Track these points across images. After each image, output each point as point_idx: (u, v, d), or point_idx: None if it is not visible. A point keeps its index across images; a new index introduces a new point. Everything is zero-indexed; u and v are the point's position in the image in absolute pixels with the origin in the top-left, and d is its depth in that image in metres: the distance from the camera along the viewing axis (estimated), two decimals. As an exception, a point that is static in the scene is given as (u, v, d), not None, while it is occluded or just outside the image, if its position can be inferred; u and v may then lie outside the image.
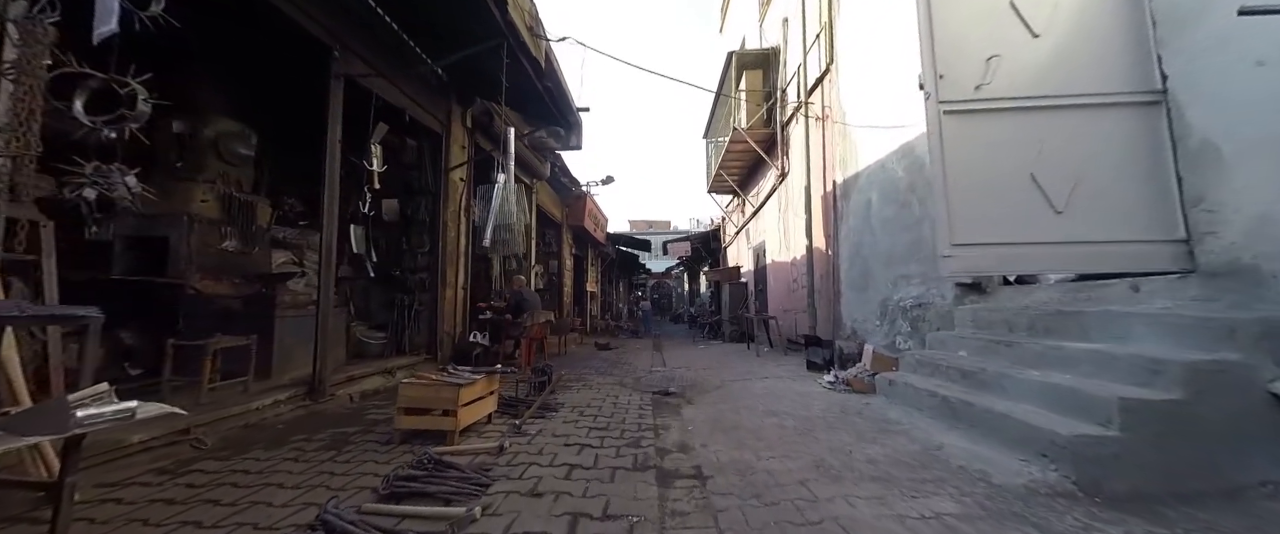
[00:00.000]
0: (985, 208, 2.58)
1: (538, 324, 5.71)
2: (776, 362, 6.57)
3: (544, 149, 8.76)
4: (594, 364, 6.65)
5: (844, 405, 3.41)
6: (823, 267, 6.59)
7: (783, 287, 8.57)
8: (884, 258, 4.90)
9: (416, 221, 5.34)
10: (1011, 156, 2.60)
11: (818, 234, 6.65)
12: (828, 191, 6.50)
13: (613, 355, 8.19)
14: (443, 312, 5.21)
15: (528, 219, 4.17)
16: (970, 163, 2.60)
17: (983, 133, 2.62)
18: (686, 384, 4.76)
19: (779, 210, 8.62)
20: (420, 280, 5.26)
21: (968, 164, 2.59)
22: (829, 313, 6.33)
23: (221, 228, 4.10)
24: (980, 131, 2.63)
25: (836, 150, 6.17)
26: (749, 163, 10.27)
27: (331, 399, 3.50)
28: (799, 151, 7.56)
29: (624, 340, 12.63)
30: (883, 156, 4.92)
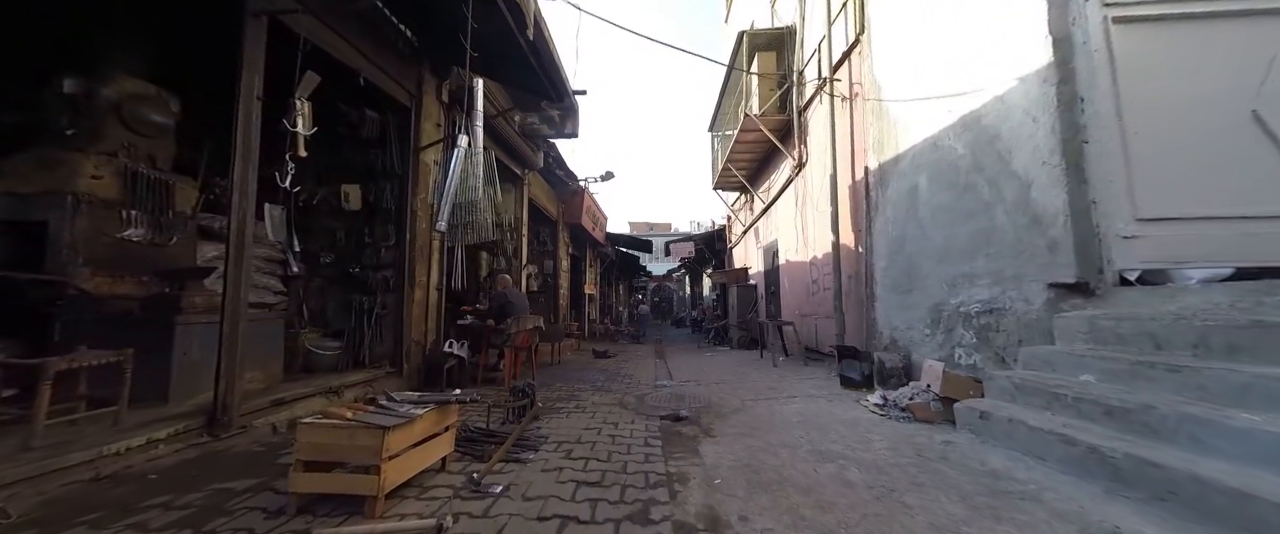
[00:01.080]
0: (1183, 164, 1.76)
1: (525, 331, 4.89)
2: (799, 374, 5.75)
3: (536, 137, 7.96)
4: (590, 376, 5.82)
5: (916, 444, 2.59)
6: (851, 266, 5.78)
7: (799, 289, 7.76)
8: (936, 254, 4.09)
9: (380, 210, 4.52)
10: (1221, 84, 1.78)
11: (845, 229, 5.84)
12: (858, 180, 5.70)
13: (612, 365, 7.36)
14: (410, 316, 4.39)
15: (499, 197, 3.36)
16: (1155, 97, 1.80)
17: (1176, 50, 1.81)
18: (700, 404, 3.93)
19: (795, 205, 7.82)
20: (384, 279, 4.44)
21: (1151, 99, 1.80)
22: (860, 319, 5.51)
23: (123, 212, 3.29)
24: (1172, 47, 1.81)
25: (869, 133, 5.37)
26: (761, 154, 9.47)
27: (242, 433, 2.67)
28: (820, 137, 6.76)
29: (624, 346, 11.80)
30: (934, 133, 4.12)
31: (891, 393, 3.74)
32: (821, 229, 6.74)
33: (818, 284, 6.99)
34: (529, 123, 7.76)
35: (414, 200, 4.53)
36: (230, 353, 2.61)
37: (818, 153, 6.96)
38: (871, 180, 5.33)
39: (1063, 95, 2.90)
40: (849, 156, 5.86)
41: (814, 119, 7.12)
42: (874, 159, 5.26)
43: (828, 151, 6.29)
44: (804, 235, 7.51)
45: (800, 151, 7.52)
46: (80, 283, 3.03)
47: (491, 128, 6.15)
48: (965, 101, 3.72)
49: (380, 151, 4.52)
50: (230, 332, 2.61)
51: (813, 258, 7.20)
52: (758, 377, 5.67)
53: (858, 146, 5.72)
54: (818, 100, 6.72)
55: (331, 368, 4.20)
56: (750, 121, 8.04)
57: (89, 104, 3.27)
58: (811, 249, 7.21)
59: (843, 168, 5.87)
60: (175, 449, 2.36)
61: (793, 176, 7.88)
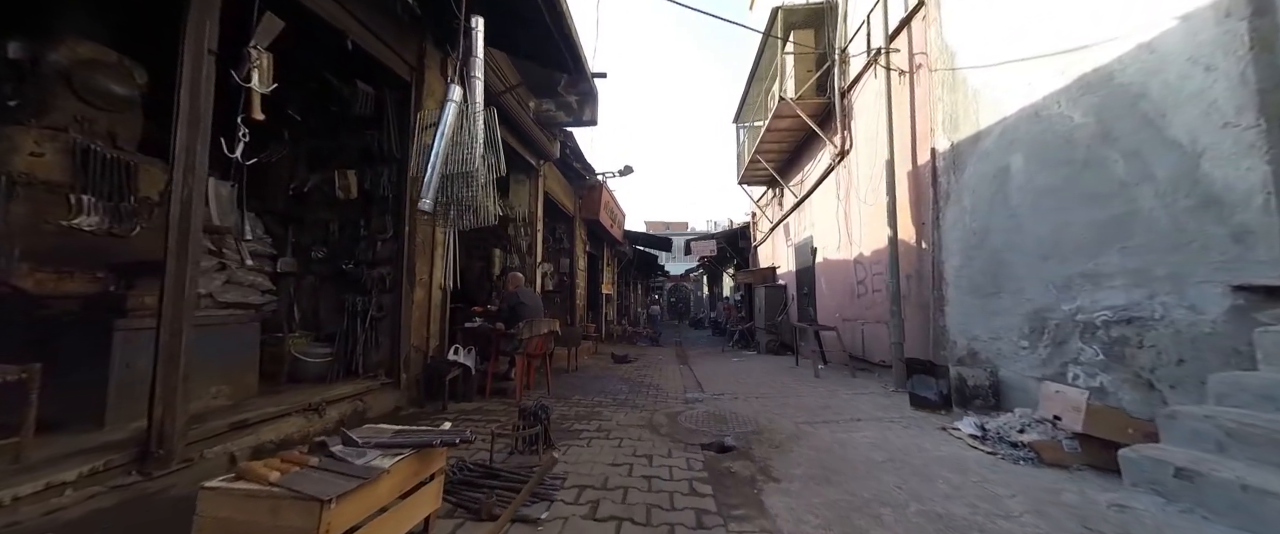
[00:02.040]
0: None
1: (539, 337, 4.30)
2: (849, 388, 5.02)
3: (552, 125, 7.39)
4: (611, 386, 5.20)
5: (1071, 507, 1.88)
6: (911, 264, 5.02)
7: (841, 290, 7.00)
8: (1038, 248, 3.33)
9: (377, 198, 3.99)
10: None
11: (904, 222, 5.08)
12: (920, 165, 4.94)
13: (633, 372, 6.74)
14: (409, 319, 3.84)
15: (501, 167, 2.70)
16: None
17: None
18: (746, 428, 3.27)
19: (837, 197, 7.06)
20: (380, 277, 3.90)
21: None
22: (923, 325, 4.75)
23: (71, 196, 2.80)
24: None
25: (937, 109, 4.61)
26: (794, 143, 8.72)
27: (186, 468, 2.13)
28: (869, 120, 6.00)
29: (643, 349, 11.18)
30: (1036, 101, 3.36)
31: (988, 421, 3.01)
32: (871, 223, 5.98)
33: (865, 285, 6.23)
34: (545, 110, 7.20)
35: (415, 188, 3.97)
36: (169, 367, 2.07)
37: (864, 138, 6.20)
38: (939, 165, 4.57)
39: (1258, 32, 2.15)
40: (908, 139, 5.10)
41: (860, 100, 6.36)
42: (944, 139, 4.50)
43: (880, 135, 5.53)
44: (847, 231, 6.75)
45: (842, 138, 6.76)
46: (15, 280, 2.55)
47: (504, 111, 5.60)
48: (1086, 57, 2.97)
49: (376, 132, 3.98)
50: (170, 340, 2.07)
51: (858, 256, 6.44)
52: (802, 390, 4.97)
53: (920, 127, 4.96)
54: (870, 77, 5.96)
55: (320, 377, 3.67)
56: (785, 106, 7.31)
57: (34, 71, 2.80)
58: (857, 246, 6.45)
59: (901, 152, 5.12)
60: (87, 495, 1.82)
61: (833, 165, 7.12)
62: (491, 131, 2.73)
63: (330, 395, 3.17)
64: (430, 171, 2.43)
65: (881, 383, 5.23)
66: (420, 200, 2.45)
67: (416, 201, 3.88)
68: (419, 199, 2.42)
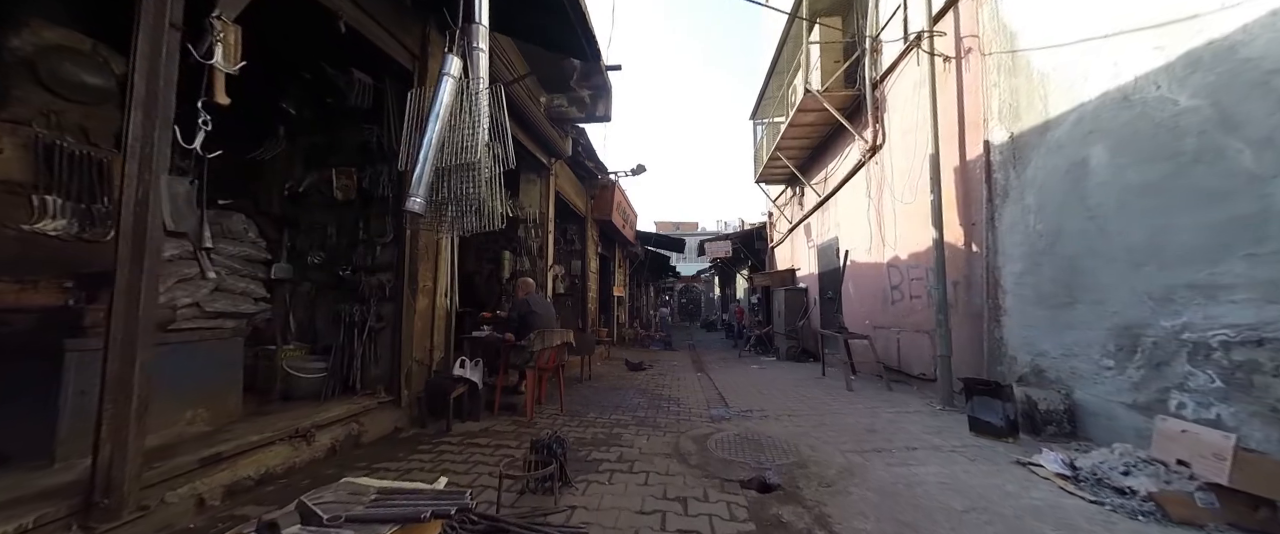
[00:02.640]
0: None
1: (551, 349, 3.95)
2: (890, 404, 4.57)
3: (564, 121, 7.05)
4: (628, 400, 4.83)
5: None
6: (959, 269, 4.57)
7: (872, 296, 6.54)
8: (1131, 254, 2.88)
9: (376, 199, 3.66)
10: None
11: (951, 223, 4.63)
12: (970, 160, 4.48)
13: (649, 381, 6.37)
14: (410, 330, 3.51)
15: (510, 159, 2.27)
16: None
17: None
18: (787, 458, 2.87)
19: (867, 195, 6.60)
20: (379, 285, 3.57)
21: None
22: (976, 338, 4.30)
23: (34, 197, 2.50)
24: None
25: (992, 97, 4.15)
26: (818, 138, 8.26)
27: (143, 517, 1.80)
28: (905, 113, 5.55)
29: (656, 354, 10.81)
30: (1127, 83, 2.91)
31: (1076, 456, 2.57)
32: (909, 224, 5.53)
33: (901, 291, 5.78)
34: (556, 105, 6.85)
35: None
36: (119, 398, 1.74)
37: (900, 131, 5.75)
38: (995, 159, 4.12)
39: None
40: (955, 131, 4.64)
41: (895, 91, 5.90)
42: (1000, 131, 4.04)
43: (921, 128, 5.08)
44: (879, 232, 6.29)
45: (874, 132, 6.30)
46: (-34, 290, 2.27)
47: (514, 105, 5.26)
48: (1196, 29, 2.51)
49: (375, 127, 3.65)
50: (121, 368, 1.74)
51: (892, 259, 5.98)
52: (837, 406, 4.54)
53: (970, 117, 4.50)
54: (907, 65, 5.50)
55: (315, 394, 3.35)
56: (811, 99, 6.87)
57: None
58: (891, 248, 5.99)
59: (947, 146, 4.66)
60: (11, 560, 1.50)
61: (862, 161, 6.66)
62: (498, 115, 2.35)
63: (321, 418, 2.84)
64: (421, 164, 2.07)
65: (924, 399, 4.78)
66: (408, 199, 2.09)
67: None
68: (407, 197, 2.05)
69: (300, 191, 3.87)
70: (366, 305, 3.52)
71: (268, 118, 3.98)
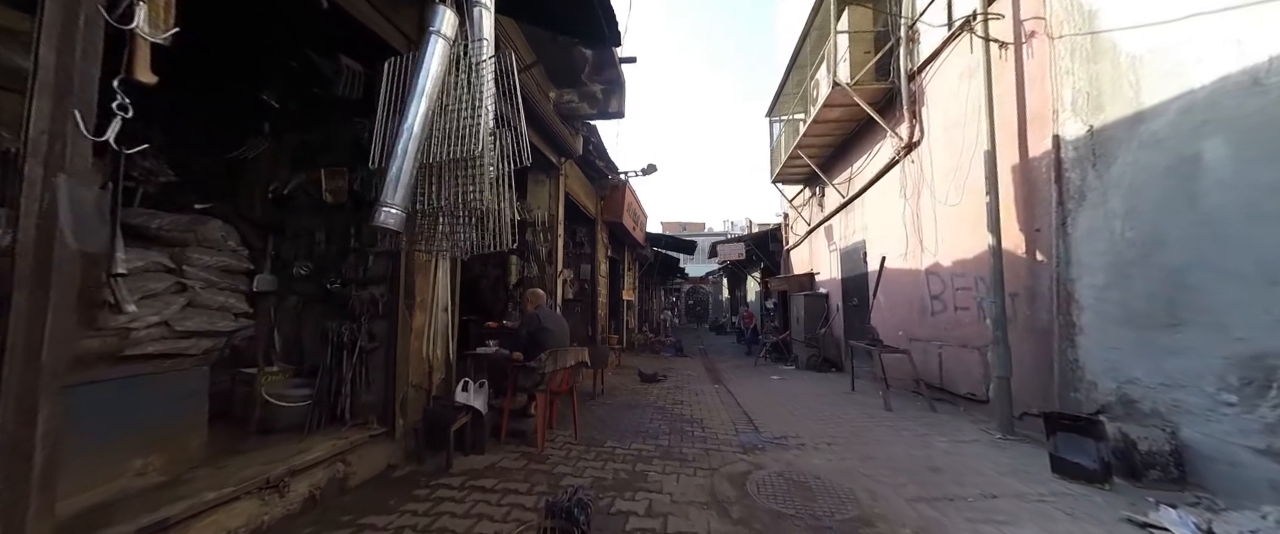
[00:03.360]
0: None
1: (564, 370, 3.51)
2: (940, 430, 4.09)
3: (574, 118, 6.62)
4: (646, 421, 4.39)
5: None
6: (1019, 280, 4.08)
7: (908, 305, 6.05)
8: (1263, 268, 2.39)
9: (368, 203, 3.23)
10: None
11: (1010, 228, 4.14)
12: (1033, 157, 3.99)
13: (666, 395, 5.93)
14: (405, 350, 3.09)
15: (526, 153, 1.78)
16: None
17: None
18: (846, 511, 2.41)
19: (903, 195, 6.11)
20: (371, 299, 3.15)
21: None
22: (1042, 358, 3.82)
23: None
24: None
25: (1064, 85, 3.67)
26: (843, 135, 7.78)
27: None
28: (951, 105, 5.07)
29: (669, 361, 10.36)
30: (1255, 65, 2.42)
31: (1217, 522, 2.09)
32: (954, 227, 5.04)
33: (943, 301, 5.29)
34: (566, 102, 6.43)
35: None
36: (12, 466, 1.33)
37: (942, 126, 5.26)
38: (1067, 156, 3.63)
39: None
40: (1014, 126, 4.16)
41: (936, 82, 5.41)
42: (1075, 123, 3.56)
43: (970, 122, 4.61)
44: (917, 236, 5.80)
45: (911, 127, 5.82)
46: None
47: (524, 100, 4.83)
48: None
49: (367, 121, 3.23)
50: (16, 429, 1.33)
51: (933, 266, 5.49)
52: (880, 432, 4.07)
53: (1033, 110, 4.01)
54: (952, 53, 5.01)
55: (298, 425, 2.94)
56: (840, 93, 6.39)
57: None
58: (932, 254, 5.51)
59: (1005, 142, 4.17)
60: None
61: (897, 159, 6.17)
62: (510, 94, 1.89)
63: (299, 461, 2.42)
64: (400, 158, 1.63)
65: (977, 423, 4.30)
66: (379, 209, 1.65)
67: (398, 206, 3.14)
68: (378, 207, 1.61)
69: (286, 194, 3.47)
70: (357, 323, 3.10)
71: (250, 113, 3.59)
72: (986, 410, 4.50)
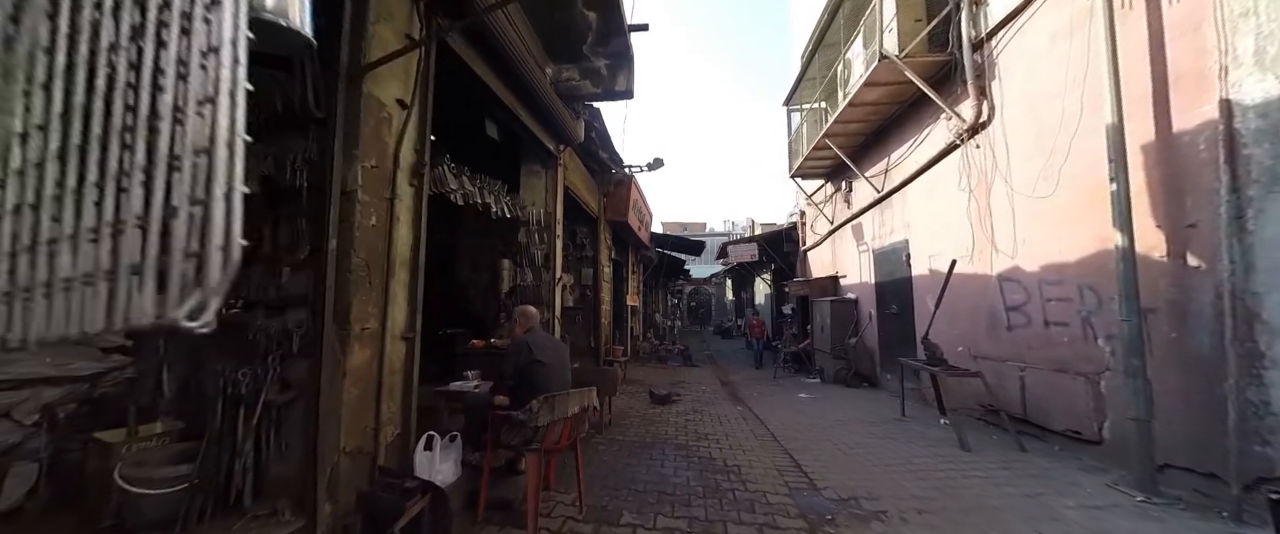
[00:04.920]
0: None
1: (566, 420, 2.55)
2: (1050, 482, 3.12)
3: (575, 99, 5.67)
4: (669, 472, 3.42)
5: None
6: (1159, 292, 3.14)
7: (974, 316, 5.11)
8: None
9: (287, 191, 2.27)
10: None
11: (1144, 225, 3.20)
12: (1186, 130, 3.04)
13: (684, 423, 4.98)
14: (335, 402, 2.13)
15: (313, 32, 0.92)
16: None
17: None
18: None
19: (966, 186, 5.17)
20: (284, 331, 2.19)
21: None
22: (1204, 398, 2.87)
23: None
24: None
25: (1242, 30, 2.72)
26: (881, 120, 6.84)
27: None
28: (1037, 74, 4.13)
29: (678, 374, 9.42)
30: None
31: None
32: (1039, 224, 4.11)
33: (1025, 313, 4.35)
34: (565, 80, 5.48)
35: (352, 170, 2.27)
36: None
37: (1024, 103, 4.33)
38: (1244, 127, 2.69)
39: None
40: (1147, 92, 3.22)
41: (1013, 50, 4.47)
42: (1265, 82, 2.61)
43: (1069, 92, 3.68)
44: (987, 234, 4.86)
45: (977, 105, 4.87)
46: None
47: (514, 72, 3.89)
48: None
49: (284, 75, 2.27)
50: None
51: (1009, 270, 4.55)
52: (979, 491, 3.11)
53: (1181, 69, 3.06)
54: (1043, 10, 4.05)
55: (169, 520, 1.97)
56: (887, 68, 5.44)
57: None
58: (1007, 256, 4.56)
59: (1138, 117, 3.23)
60: None
61: (956, 144, 5.23)
62: None
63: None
64: None
65: (1093, 472, 3.36)
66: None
67: (356, 192, 2.19)
68: None
69: (176, 180, 2.49)
70: (263, 365, 2.13)
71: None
72: (1101, 455, 3.56)
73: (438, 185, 3.49)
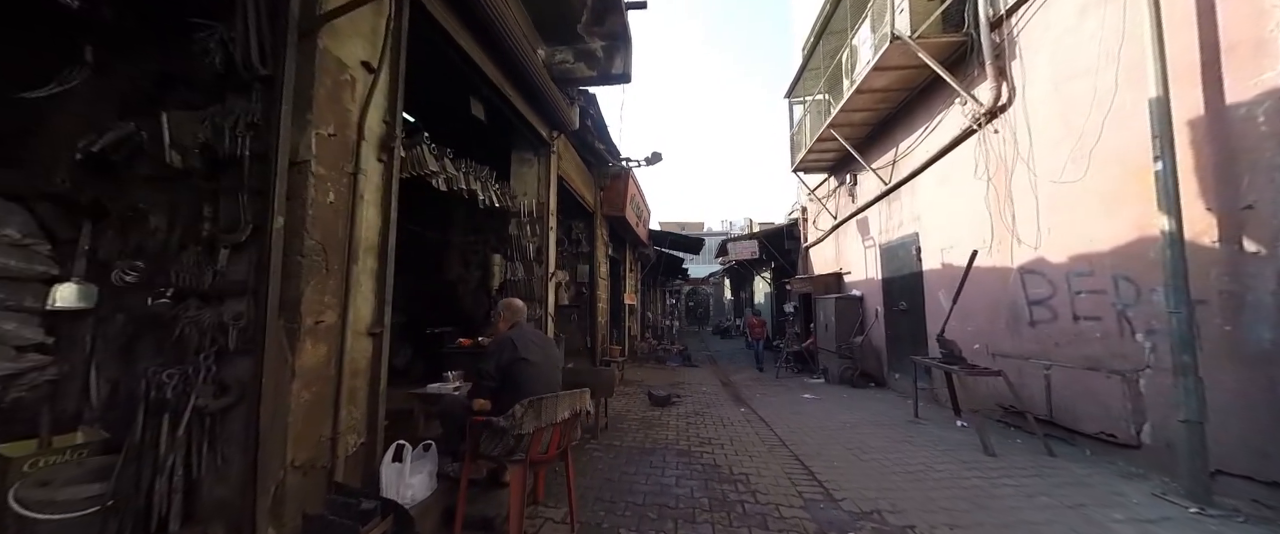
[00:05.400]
0: None
1: (554, 427, 2.23)
2: (1093, 493, 2.82)
3: (569, 83, 5.36)
4: (670, 483, 3.09)
5: None
6: (1211, 281, 2.85)
7: (990, 313, 4.82)
8: None
9: (227, 161, 1.95)
10: None
11: (1194, 207, 2.91)
12: (1241, 102, 2.76)
13: (686, 427, 4.66)
14: (280, 410, 1.81)
15: None
16: None
17: None
18: None
19: (983, 173, 4.88)
20: (218, 323, 1.86)
21: None
22: (1265, 399, 2.58)
23: None
24: None
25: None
26: (889, 108, 6.56)
27: None
28: (1063, 51, 3.85)
29: (677, 374, 9.12)
30: None
31: None
32: (1068, 211, 3.82)
33: (1050, 307, 4.06)
34: (559, 62, 5.17)
35: (304, 137, 1.95)
36: None
37: (1050, 82, 4.05)
38: (1314, 93, 2.40)
39: None
40: (1195, 63, 2.93)
41: (1037, 25, 4.19)
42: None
43: (1102, 69, 3.40)
44: (1007, 222, 4.57)
45: (996, 87, 4.59)
46: None
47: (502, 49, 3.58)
48: None
49: (224, 27, 1.94)
50: None
51: (1032, 261, 4.26)
52: (1012, 502, 2.80)
53: (1234, 36, 2.78)
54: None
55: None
56: (898, 50, 5.15)
57: None
58: (1030, 247, 4.28)
59: (1185, 91, 2.94)
60: None
61: (973, 129, 4.94)
62: None
63: None
64: None
65: (1133, 479, 3.07)
66: None
67: (309, 162, 1.87)
68: None
69: (104, 153, 2.16)
70: (194, 364, 1.80)
71: (68, 31, 2.29)
72: (1139, 460, 3.27)
73: (416, 166, 3.16)
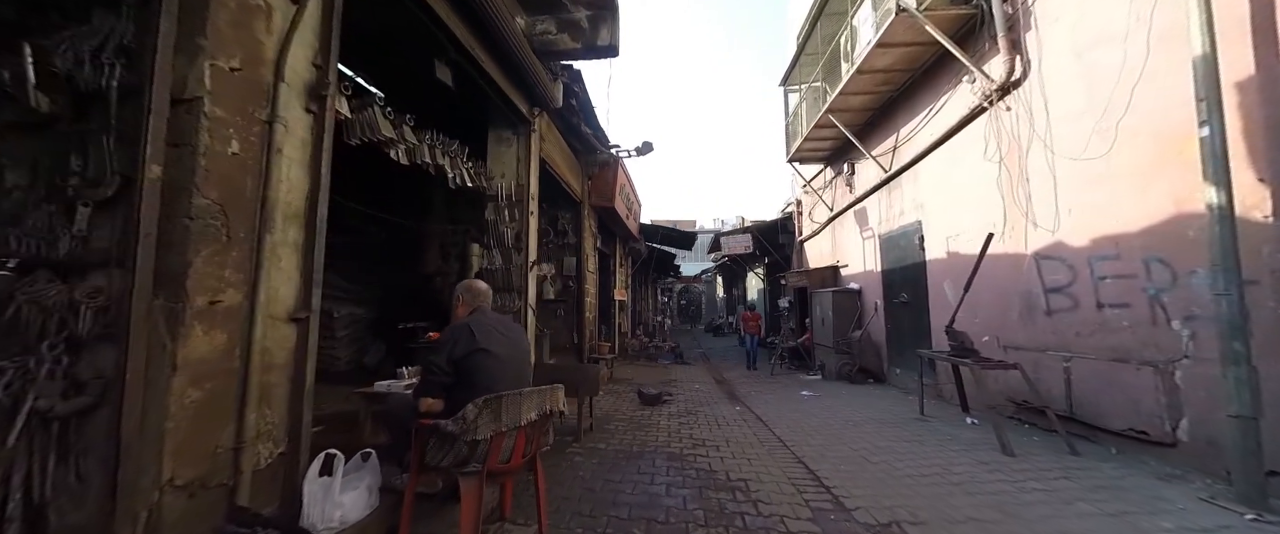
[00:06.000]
0: None
1: (518, 430, 1.85)
2: (1129, 500, 2.49)
3: (552, 55, 4.95)
4: (660, 489, 2.71)
5: None
6: (1263, 259, 2.55)
7: (1000, 303, 4.52)
8: None
9: (93, 96, 1.53)
10: None
11: (1243, 176, 2.61)
12: (1296, 58, 2.45)
13: (677, 427, 4.29)
14: (152, 415, 1.39)
15: None
16: None
17: None
18: None
19: (995, 154, 4.58)
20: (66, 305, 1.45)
21: None
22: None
23: None
24: None
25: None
26: (891, 90, 6.25)
27: None
28: (1084, 17, 3.55)
29: (669, 372, 8.75)
30: None
31: None
32: (1089, 190, 3.52)
33: (1069, 295, 3.76)
34: (541, 31, 4.77)
35: (194, 67, 1.53)
36: None
37: (1071, 52, 3.74)
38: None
39: None
40: (1244, 18, 2.63)
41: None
42: None
43: (1132, 35, 3.09)
44: (1023, 206, 4.27)
45: (1010, 61, 4.28)
46: None
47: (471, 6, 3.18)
48: None
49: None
50: None
51: (1049, 246, 3.96)
52: (1042, 509, 2.47)
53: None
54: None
55: None
56: (904, 23, 4.83)
57: None
58: (1047, 231, 3.98)
59: (1234, 48, 2.64)
60: None
61: (983, 107, 4.64)
62: None
63: None
64: None
65: (1172, 481, 2.76)
66: None
67: (202, 99, 1.45)
68: None
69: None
70: (39, 354, 1.39)
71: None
72: (1175, 459, 2.97)
73: (367, 131, 2.75)
